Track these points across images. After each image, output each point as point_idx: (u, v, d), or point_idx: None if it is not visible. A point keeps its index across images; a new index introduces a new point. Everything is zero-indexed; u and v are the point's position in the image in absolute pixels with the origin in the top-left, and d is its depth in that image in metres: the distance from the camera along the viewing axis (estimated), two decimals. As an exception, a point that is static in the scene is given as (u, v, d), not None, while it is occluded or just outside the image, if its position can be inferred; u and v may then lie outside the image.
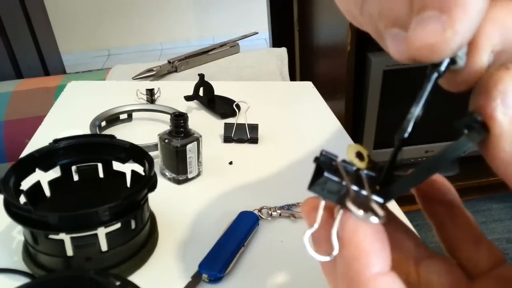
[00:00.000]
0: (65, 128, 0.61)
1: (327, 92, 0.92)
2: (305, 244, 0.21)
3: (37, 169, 0.48)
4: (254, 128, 0.69)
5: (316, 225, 0.21)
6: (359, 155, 0.19)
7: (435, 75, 0.17)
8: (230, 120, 0.73)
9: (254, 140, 0.68)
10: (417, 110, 0.18)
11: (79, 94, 0.85)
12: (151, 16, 3.01)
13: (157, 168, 0.57)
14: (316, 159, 0.19)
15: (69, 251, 0.41)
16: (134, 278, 0.44)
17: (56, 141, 0.49)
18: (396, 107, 1.22)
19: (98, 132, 0.67)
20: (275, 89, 0.89)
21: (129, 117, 0.75)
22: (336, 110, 0.80)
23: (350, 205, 0.18)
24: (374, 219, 0.17)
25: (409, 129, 0.18)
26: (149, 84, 0.86)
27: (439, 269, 0.20)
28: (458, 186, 0.22)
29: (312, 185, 0.20)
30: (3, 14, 1.45)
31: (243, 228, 0.49)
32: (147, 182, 0.44)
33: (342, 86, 1.20)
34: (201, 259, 0.44)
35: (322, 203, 0.20)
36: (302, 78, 1.67)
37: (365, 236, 0.17)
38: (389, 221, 0.20)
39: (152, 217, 0.50)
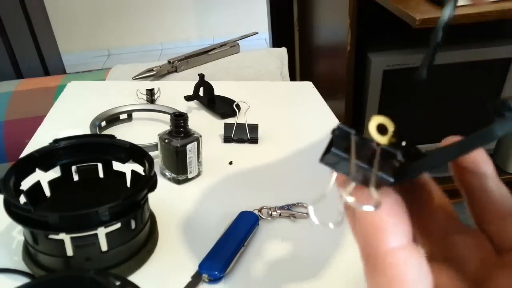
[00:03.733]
0: (65, 128, 0.61)
1: (327, 92, 0.92)
2: (311, 215, 0.19)
3: (37, 169, 0.48)
4: (254, 128, 0.69)
5: (323, 194, 0.19)
6: (382, 129, 0.17)
7: None
8: (230, 120, 0.73)
9: (254, 140, 0.68)
10: (447, 11, 0.17)
11: (79, 94, 0.85)
12: (151, 16, 3.01)
13: (157, 168, 0.57)
14: (332, 132, 0.18)
15: (69, 251, 0.41)
16: (134, 278, 0.44)
17: (56, 141, 0.49)
18: (396, 107, 1.22)
19: (98, 132, 0.67)
20: (275, 89, 0.89)
21: (129, 117, 0.75)
22: (336, 110, 0.80)
23: (342, 191, 0.17)
24: (367, 208, 0.16)
25: (441, 32, 0.17)
26: (149, 84, 0.86)
27: (469, 243, 0.19)
28: (449, 187, 0.22)
29: (322, 159, 0.18)
30: (3, 14, 1.45)
31: (243, 228, 0.49)
32: (147, 182, 0.44)
33: (342, 86, 1.21)
34: (201, 259, 0.44)
35: (334, 175, 0.18)
36: (302, 78, 1.67)
37: (380, 211, 0.17)
38: (422, 191, 0.19)
39: (152, 217, 0.50)
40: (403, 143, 0.17)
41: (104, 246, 0.42)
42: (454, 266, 0.19)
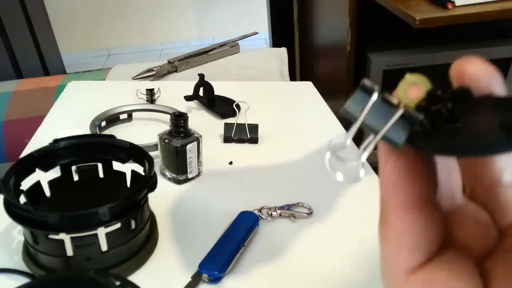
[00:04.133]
0: (65, 128, 0.61)
1: (327, 92, 0.92)
2: (326, 163, 0.18)
3: (37, 169, 0.48)
4: (254, 128, 0.69)
5: (343, 139, 0.18)
6: (414, 90, 0.16)
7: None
8: (230, 120, 0.73)
9: (254, 140, 0.68)
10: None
11: (79, 94, 0.85)
12: (151, 16, 3.01)
13: (157, 168, 0.57)
14: (360, 85, 0.17)
15: (69, 251, 0.41)
16: (134, 278, 0.44)
17: (56, 141, 0.49)
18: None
19: (98, 132, 0.67)
20: (275, 89, 0.89)
21: (129, 117, 0.75)
22: (336, 110, 0.80)
23: (327, 161, 0.17)
24: (347, 182, 0.17)
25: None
26: (149, 84, 0.86)
27: (468, 223, 0.18)
28: None
29: (343, 109, 0.17)
30: (3, 14, 1.45)
31: (243, 228, 0.49)
32: (147, 182, 0.44)
33: (342, 86, 1.21)
34: (201, 259, 0.44)
35: (356, 124, 0.17)
36: (302, 78, 1.67)
37: (394, 169, 0.17)
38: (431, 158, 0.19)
39: (152, 217, 0.50)
40: (438, 108, 0.16)
41: (104, 246, 0.42)
42: (487, 213, 0.18)
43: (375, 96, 0.16)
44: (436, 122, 0.16)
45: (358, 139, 0.18)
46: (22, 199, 0.45)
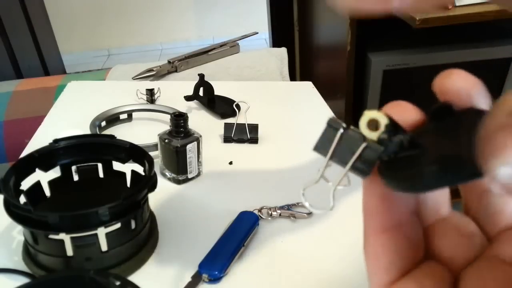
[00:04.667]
0: (65, 128, 0.61)
1: (327, 92, 0.92)
2: (302, 199, 0.22)
3: (37, 169, 0.48)
4: (254, 128, 0.69)
5: (316, 180, 0.21)
6: (374, 124, 0.17)
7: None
8: (230, 120, 0.73)
9: (254, 140, 0.68)
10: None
11: (79, 94, 0.85)
12: (151, 16, 3.01)
13: (157, 168, 0.57)
14: (327, 124, 0.19)
15: (69, 251, 0.41)
16: (134, 278, 0.44)
17: (56, 141, 0.49)
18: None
19: (98, 132, 0.67)
20: (275, 89, 0.89)
21: (129, 117, 0.75)
22: (336, 110, 0.80)
23: (301, 193, 0.20)
24: (318, 211, 0.19)
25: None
26: (149, 84, 0.86)
27: (450, 235, 0.19)
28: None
29: (314, 147, 0.19)
30: (3, 14, 1.45)
31: (243, 228, 0.49)
32: (147, 182, 0.44)
33: (342, 86, 1.21)
34: (201, 259, 0.44)
35: (325, 160, 0.19)
36: (302, 78, 1.67)
37: (369, 196, 0.19)
38: None
39: (152, 217, 0.50)
40: (396, 139, 0.17)
41: (104, 246, 0.42)
42: (479, 223, 0.19)
43: (339, 132, 0.18)
44: (397, 152, 0.17)
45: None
46: (22, 199, 0.45)
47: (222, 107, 0.77)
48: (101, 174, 0.52)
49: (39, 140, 0.68)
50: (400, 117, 0.18)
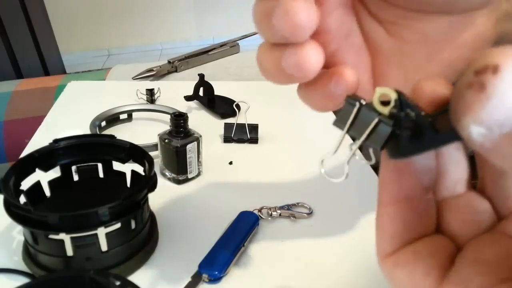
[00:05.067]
0: (65, 128, 0.62)
1: (327, 92, 0.92)
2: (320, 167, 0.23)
3: (37, 169, 0.48)
4: (254, 128, 0.69)
5: (333, 151, 0.22)
6: (386, 100, 0.18)
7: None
8: (230, 120, 0.73)
9: (254, 140, 0.68)
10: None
11: (79, 94, 0.85)
12: (151, 16, 3.01)
13: (157, 168, 0.57)
14: (345, 100, 0.20)
15: (69, 251, 0.41)
16: (134, 278, 0.44)
17: (56, 141, 0.49)
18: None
19: (98, 132, 0.67)
20: (275, 89, 0.89)
21: (129, 117, 0.75)
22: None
23: (320, 163, 0.21)
24: (335, 180, 0.21)
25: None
26: (149, 84, 0.86)
27: (460, 210, 0.19)
28: None
29: (334, 122, 0.21)
30: (3, 14, 1.45)
31: (243, 228, 0.49)
32: (147, 182, 0.44)
33: (342, 86, 1.20)
34: (201, 259, 0.44)
35: (343, 133, 0.20)
36: (302, 78, 1.66)
37: (384, 167, 0.19)
38: (430, 155, 0.20)
39: (152, 217, 0.50)
40: (404, 113, 0.17)
41: (104, 246, 0.42)
42: (492, 202, 0.19)
43: (355, 108, 0.19)
44: (408, 126, 0.18)
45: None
46: (22, 199, 0.45)
47: (222, 107, 0.77)
48: (101, 174, 0.52)
49: (39, 140, 0.68)
50: (432, 93, 0.18)
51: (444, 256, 0.18)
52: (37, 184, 0.48)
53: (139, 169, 0.49)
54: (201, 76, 0.79)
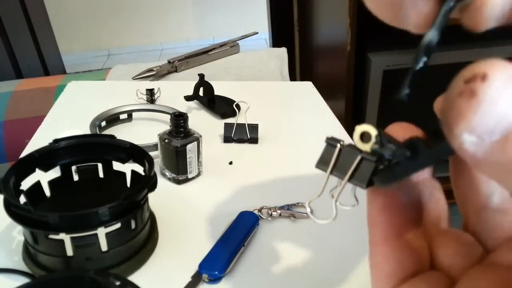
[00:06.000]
0: (65, 128, 0.61)
1: (327, 92, 0.92)
2: (308, 213, 0.23)
3: (37, 169, 0.48)
4: (254, 128, 0.69)
5: (318, 194, 0.22)
6: (366, 136, 0.18)
7: (448, 5, 0.17)
8: (230, 120, 0.73)
9: (254, 140, 0.68)
10: (429, 35, 0.18)
11: (79, 94, 0.85)
12: (151, 16, 3.01)
13: (157, 168, 0.57)
14: (326, 141, 0.20)
15: (69, 251, 0.41)
16: (134, 278, 0.44)
17: (56, 141, 0.49)
18: (396, 107, 1.22)
19: (98, 132, 0.67)
20: (275, 89, 0.89)
21: (129, 117, 0.75)
22: (336, 110, 0.80)
23: (306, 204, 0.21)
24: (321, 222, 0.21)
25: (423, 57, 0.18)
26: (149, 84, 0.86)
27: (450, 244, 0.20)
28: (448, 187, 0.21)
29: (316, 164, 0.21)
30: (3, 14, 1.45)
31: (243, 228, 0.49)
32: (147, 182, 0.44)
33: (342, 86, 1.21)
34: (201, 259, 0.44)
35: (326, 175, 0.21)
36: (302, 78, 1.67)
37: (373, 208, 0.20)
38: (413, 192, 0.20)
39: (152, 217, 0.50)
40: (388, 148, 0.18)
41: (104, 246, 0.42)
42: (480, 239, 0.19)
43: (337, 149, 0.20)
44: (391, 160, 0.18)
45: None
46: (22, 199, 0.45)
47: (222, 107, 0.77)
48: (101, 174, 0.52)
49: (39, 140, 0.68)
50: (403, 136, 0.18)
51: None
52: (37, 184, 0.48)
53: (139, 169, 0.49)
54: (201, 76, 0.79)
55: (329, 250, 0.48)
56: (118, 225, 0.42)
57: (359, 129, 0.18)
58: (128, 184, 0.51)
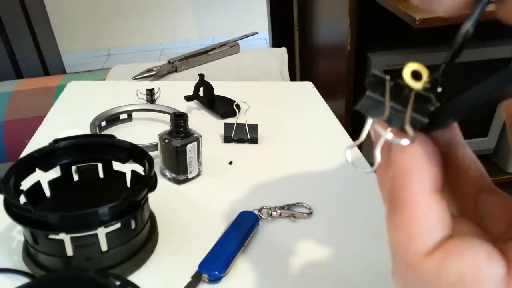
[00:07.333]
0: (65, 128, 0.61)
1: (327, 92, 0.92)
2: (348, 157, 0.19)
3: (37, 169, 0.48)
4: (254, 128, 0.69)
5: (360, 139, 0.19)
6: (416, 75, 0.17)
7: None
8: (230, 120, 0.73)
9: (254, 140, 0.68)
10: (466, 25, 0.18)
11: (79, 94, 0.85)
12: (151, 16, 3.01)
13: (157, 168, 0.57)
14: (367, 79, 0.18)
15: (69, 251, 0.41)
16: (134, 278, 0.44)
17: (56, 141, 0.49)
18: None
19: (98, 132, 0.67)
20: (275, 89, 0.89)
21: (129, 117, 0.75)
22: (336, 110, 0.80)
23: (378, 127, 0.18)
24: (404, 141, 0.17)
25: (460, 40, 0.18)
26: (149, 84, 0.86)
27: (498, 204, 0.18)
28: None
29: (356, 104, 0.18)
30: (3, 14, 1.45)
31: (243, 228, 0.49)
32: (147, 182, 0.44)
33: (342, 86, 1.21)
34: (201, 259, 0.44)
35: (369, 120, 0.19)
36: (302, 78, 1.67)
37: (411, 155, 0.17)
38: (457, 148, 0.19)
39: (152, 217, 0.50)
40: (439, 89, 0.17)
41: (104, 246, 0.42)
42: (481, 224, 0.18)
43: (387, 82, 0.18)
44: (441, 99, 0.17)
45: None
46: (22, 199, 0.45)
47: (222, 107, 0.77)
48: (101, 174, 0.52)
49: (39, 140, 0.68)
50: None
51: (489, 242, 0.17)
52: (37, 184, 0.48)
53: (139, 169, 0.49)
54: (201, 76, 0.79)
55: (329, 250, 0.48)
56: (118, 225, 0.42)
57: (411, 66, 0.17)
58: (128, 184, 0.51)
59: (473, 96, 0.16)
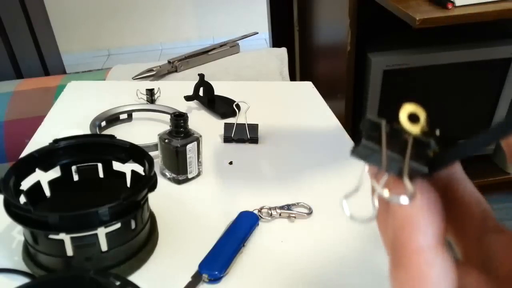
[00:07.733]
0: (65, 128, 0.61)
1: (327, 92, 0.92)
2: (345, 209, 0.19)
3: (37, 169, 0.48)
4: (254, 128, 0.69)
5: (356, 189, 0.18)
6: (414, 118, 0.16)
7: None
8: (230, 120, 0.73)
9: (254, 140, 0.68)
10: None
11: (79, 94, 0.85)
12: (151, 16, 3.01)
13: (157, 168, 0.57)
14: (362, 124, 0.17)
15: (69, 251, 0.41)
16: (134, 278, 0.44)
17: (56, 141, 0.49)
18: (396, 107, 1.22)
19: (98, 132, 0.67)
20: (275, 89, 0.89)
21: (129, 117, 0.75)
22: (336, 110, 0.80)
23: (375, 183, 0.17)
24: (403, 200, 0.16)
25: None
26: (149, 84, 0.86)
27: (504, 244, 0.18)
28: None
29: (353, 151, 0.18)
30: (3, 14, 1.45)
31: (243, 228, 0.49)
32: (147, 182, 0.44)
33: (342, 86, 1.21)
34: (201, 259, 0.44)
35: (366, 168, 0.18)
36: (302, 78, 1.67)
37: (412, 206, 0.16)
38: (456, 188, 0.19)
39: (152, 217, 0.50)
40: (437, 132, 0.16)
41: (104, 246, 0.42)
42: (486, 268, 0.18)
43: (383, 127, 0.17)
44: (442, 144, 0.16)
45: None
46: (22, 199, 0.45)
47: (222, 107, 0.77)
48: (101, 174, 0.52)
49: (39, 140, 0.68)
50: None
51: None
52: (37, 184, 0.48)
53: (139, 169, 0.49)
54: (201, 76, 0.79)
55: (329, 250, 0.48)
56: (118, 225, 0.42)
57: (408, 108, 0.16)
58: (128, 184, 0.51)
59: (473, 145, 0.15)
